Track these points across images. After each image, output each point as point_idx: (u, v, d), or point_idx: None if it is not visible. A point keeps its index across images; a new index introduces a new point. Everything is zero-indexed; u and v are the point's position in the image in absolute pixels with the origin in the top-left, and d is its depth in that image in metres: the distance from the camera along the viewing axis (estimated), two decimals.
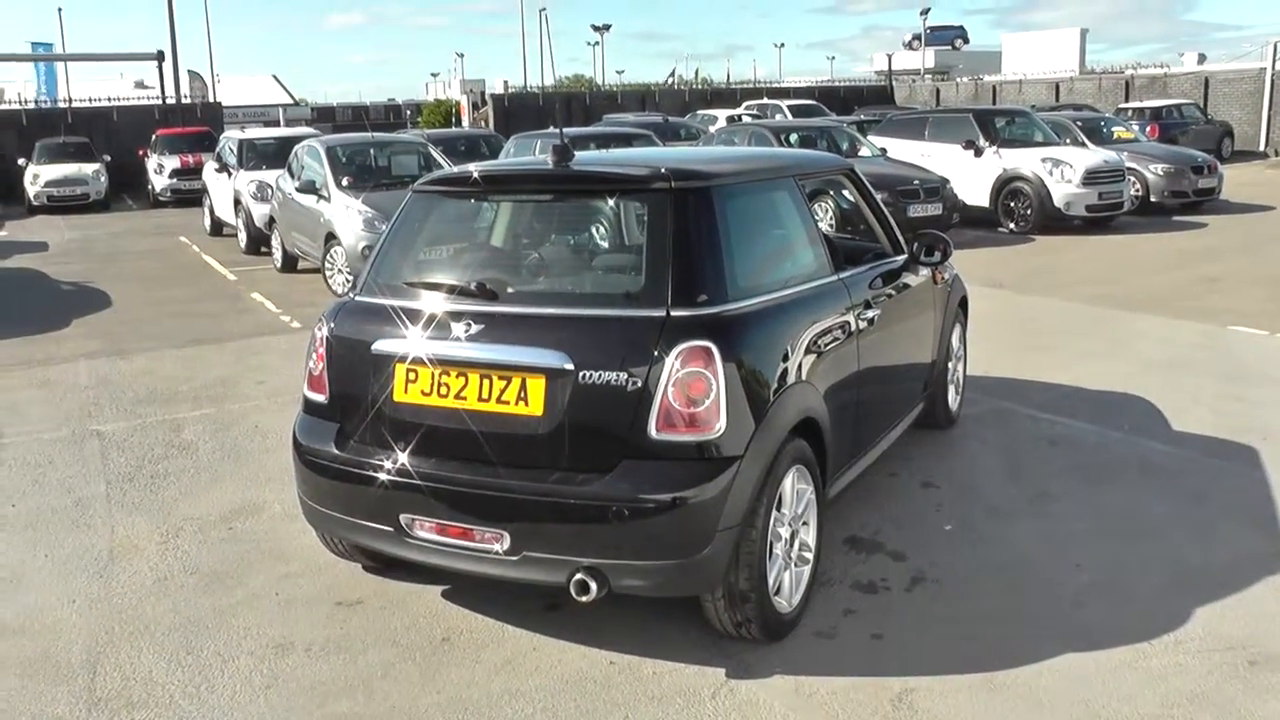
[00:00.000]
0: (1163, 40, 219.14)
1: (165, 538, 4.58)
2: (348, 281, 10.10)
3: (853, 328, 4.03)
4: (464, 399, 3.31)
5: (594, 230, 3.87)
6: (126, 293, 10.88)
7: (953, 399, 5.68)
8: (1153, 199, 14.77)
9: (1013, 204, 13.93)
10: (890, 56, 45.34)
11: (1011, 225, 13.90)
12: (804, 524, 3.60)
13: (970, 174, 14.48)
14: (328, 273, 10.34)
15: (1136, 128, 19.30)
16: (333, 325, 3.68)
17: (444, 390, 3.34)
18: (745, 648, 3.45)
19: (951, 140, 15.66)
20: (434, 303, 3.48)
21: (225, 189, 13.98)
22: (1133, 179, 14.46)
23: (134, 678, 3.44)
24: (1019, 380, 6.63)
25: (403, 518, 3.39)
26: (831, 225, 10.78)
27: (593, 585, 3.11)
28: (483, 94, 36.61)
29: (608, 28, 50.97)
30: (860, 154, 14.52)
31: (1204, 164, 15.32)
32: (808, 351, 3.61)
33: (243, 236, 13.38)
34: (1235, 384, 6.44)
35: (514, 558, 3.22)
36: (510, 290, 3.51)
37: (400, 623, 3.73)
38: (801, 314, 3.66)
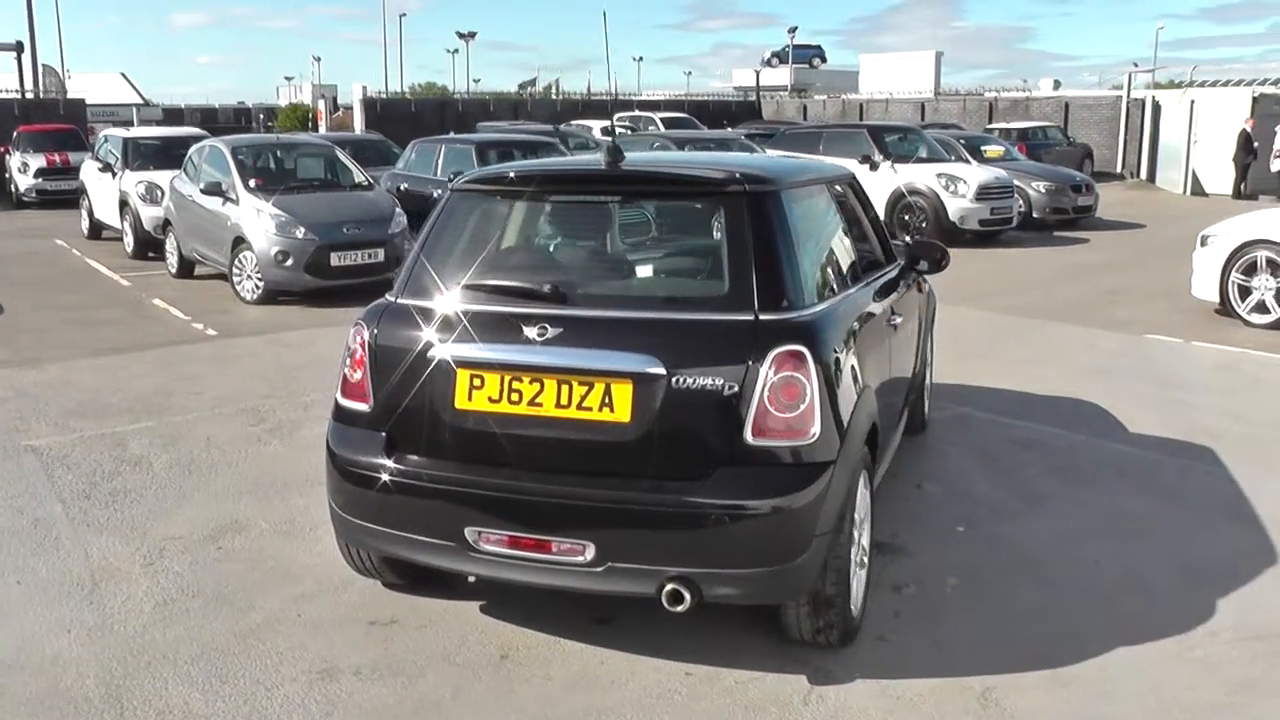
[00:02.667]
0: (1004, 67, 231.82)
1: (149, 559, 4.24)
2: (258, 288, 9.65)
3: (886, 332, 4.08)
4: (539, 405, 3.17)
5: (661, 232, 3.79)
6: (14, 299, 10.06)
7: (926, 404, 5.83)
8: (1035, 215, 15.56)
9: (908, 218, 14.44)
10: (758, 73, 46.35)
11: (907, 239, 14.35)
12: (865, 527, 3.61)
13: (866, 188, 14.90)
14: (235, 279, 9.84)
15: (1001, 149, 20.30)
16: (376, 330, 3.47)
17: (515, 397, 3.20)
18: (816, 654, 3.43)
19: (847, 155, 16.07)
20: (499, 305, 3.33)
21: (109, 190, 13.12)
22: (1017, 196, 15.21)
23: (170, 711, 3.16)
24: (966, 386, 6.84)
25: (468, 531, 3.22)
26: None
27: (686, 595, 3.04)
28: (334, 99, 35.61)
29: (473, 35, 50.40)
30: None
31: (1082, 183, 16.28)
32: (863, 355, 3.63)
33: (130, 240, 12.58)
34: (1169, 389, 6.82)
35: (599, 569, 3.11)
36: (586, 293, 3.39)
37: (448, 641, 3.56)
38: (857, 318, 3.67)
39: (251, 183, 10.02)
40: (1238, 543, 4.40)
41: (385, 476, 3.35)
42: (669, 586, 3.05)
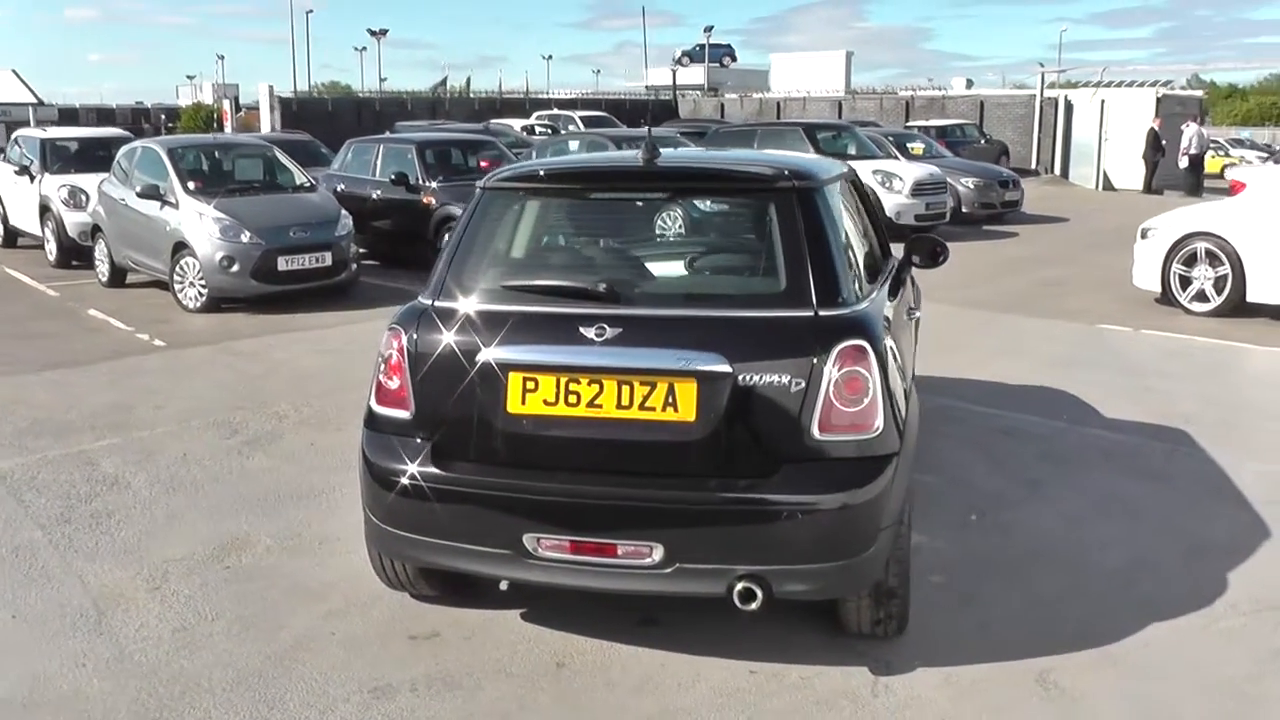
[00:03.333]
0: (906, 67, 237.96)
1: (153, 583, 4.05)
2: (201, 295, 9.31)
3: (907, 325, 4.12)
4: (599, 407, 3.11)
5: (705, 229, 3.75)
6: None
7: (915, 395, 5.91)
8: (964, 210, 15.94)
9: None
10: (675, 72, 46.53)
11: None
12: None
13: None
14: (177, 286, 9.46)
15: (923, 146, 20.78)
16: (415, 334, 3.36)
17: (573, 399, 3.13)
18: (871, 645, 3.45)
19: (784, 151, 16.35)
20: (550, 306, 3.26)
21: (27, 195, 12.48)
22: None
23: None
24: (943, 378, 6.95)
25: (526, 538, 3.14)
26: None
27: (759, 593, 3.02)
28: (236, 99, 34.65)
29: (384, 32, 49.45)
30: None
31: (1009, 179, 16.77)
32: (899, 348, 3.65)
33: (52, 248, 12.00)
34: (1132, 376, 7.05)
35: (667, 570, 3.06)
36: (642, 291, 3.34)
37: (498, 652, 3.47)
38: (892, 311, 3.70)
39: (191, 185, 9.65)
40: (1230, 521, 4.56)
41: (434, 485, 3.25)
42: (740, 585, 3.02)
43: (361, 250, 10.77)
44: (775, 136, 18.20)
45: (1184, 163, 22.72)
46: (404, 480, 3.30)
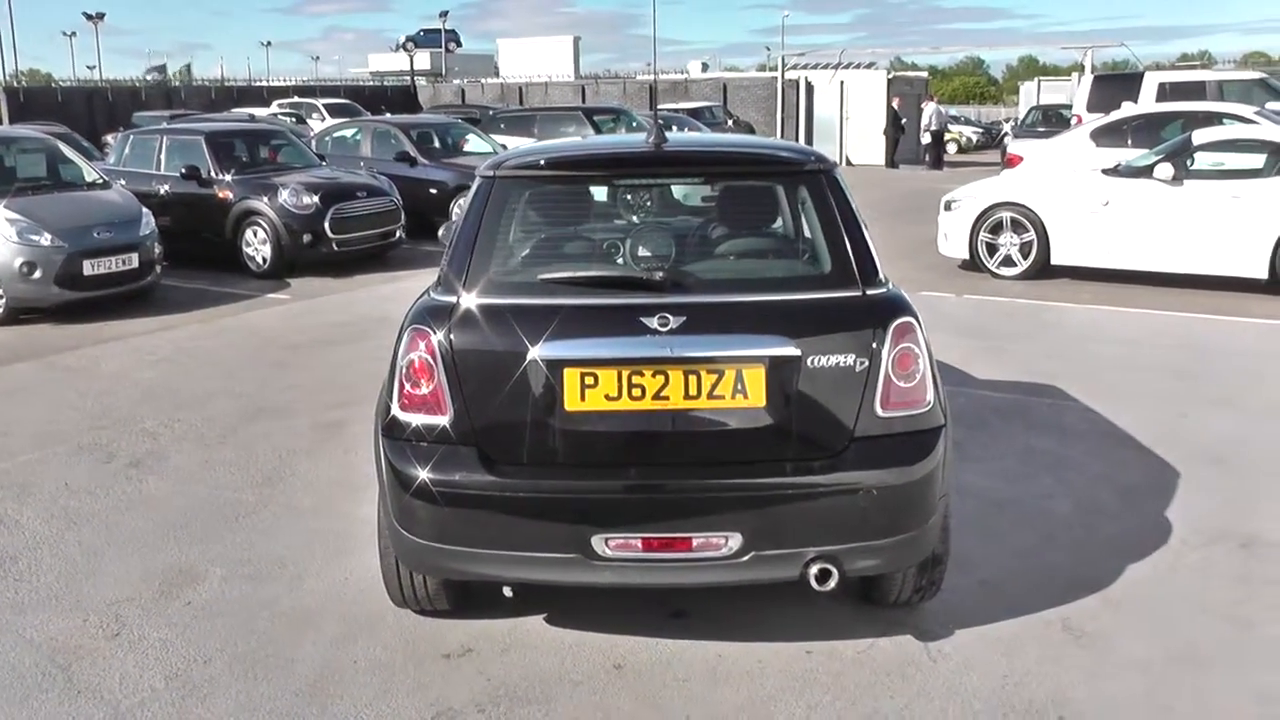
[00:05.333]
0: (616, 51, 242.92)
1: (110, 630, 3.58)
2: None
3: None
4: (665, 399, 3.03)
5: (736, 214, 3.68)
6: None
7: None
8: None
9: None
10: (412, 57, 45.31)
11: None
12: None
13: None
14: None
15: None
16: (446, 334, 3.14)
17: (637, 392, 3.04)
18: (906, 614, 3.57)
19: (565, 137, 16.37)
20: (602, 297, 3.13)
21: None
22: None
23: None
24: None
25: (594, 540, 3.03)
26: None
27: (834, 572, 3.06)
28: None
29: (101, 16, 45.05)
30: (481, 150, 14.46)
31: None
32: None
33: None
34: (982, 339, 7.62)
35: (744, 558, 3.04)
36: (697, 279, 3.26)
37: (548, 661, 3.33)
38: None
39: None
40: (1139, 464, 5.05)
41: (487, 494, 3.06)
42: (816, 567, 3.05)
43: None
44: (555, 122, 18.29)
45: (926, 139, 24.64)
46: (450, 491, 3.09)
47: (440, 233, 5.40)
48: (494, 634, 3.49)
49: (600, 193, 3.65)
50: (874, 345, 3.11)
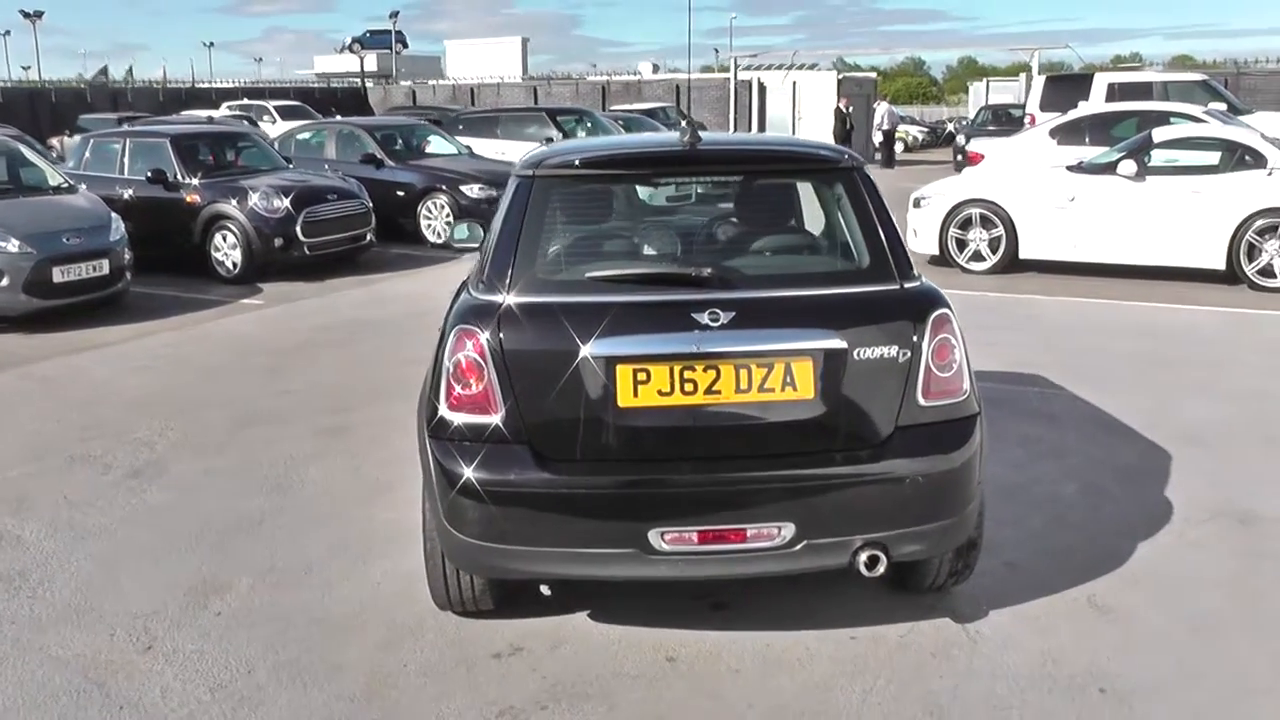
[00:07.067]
0: (558, 53, 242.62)
1: (142, 644, 3.53)
2: None
3: None
4: (717, 393, 3.08)
5: (772, 210, 3.73)
6: None
7: None
8: None
9: None
10: (362, 58, 44.94)
11: None
12: None
13: None
14: None
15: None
16: (496, 332, 3.15)
17: (689, 387, 3.08)
18: (939, 599, 3.66)
19: (530, 138, 16.39)
20: (652, 294, 3.17)
21: None
22: None
23: None
24: None
25: (650, 534, 3.07)
26: None
27: (882, 558, 3.13)
28: None
29: (40, 14, 43.84)
30: (445, 152, 14.40)
31: None
32: None
33: None
34: (968, 330, 7.73)
35: (796, 548, 3.10)
36: (743, 274, 3.30)
37: (600, 657, 3.35)
38: None
39: None
40: (1131, 448, 5.22)
41: (543, 491, 3.08)
42: (866, 554, 3.12)
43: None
44: (519, 123, 18.27)
45: (878, 138, 25.04)
46: (503, 489, 3.10)
47: (454, 234, 5.39)
48: (540, 632, 3.50)
49: (639, 191, 3.68)
50: (914, 337, 3.19)
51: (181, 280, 10.24)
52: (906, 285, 3.30)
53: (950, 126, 34.50)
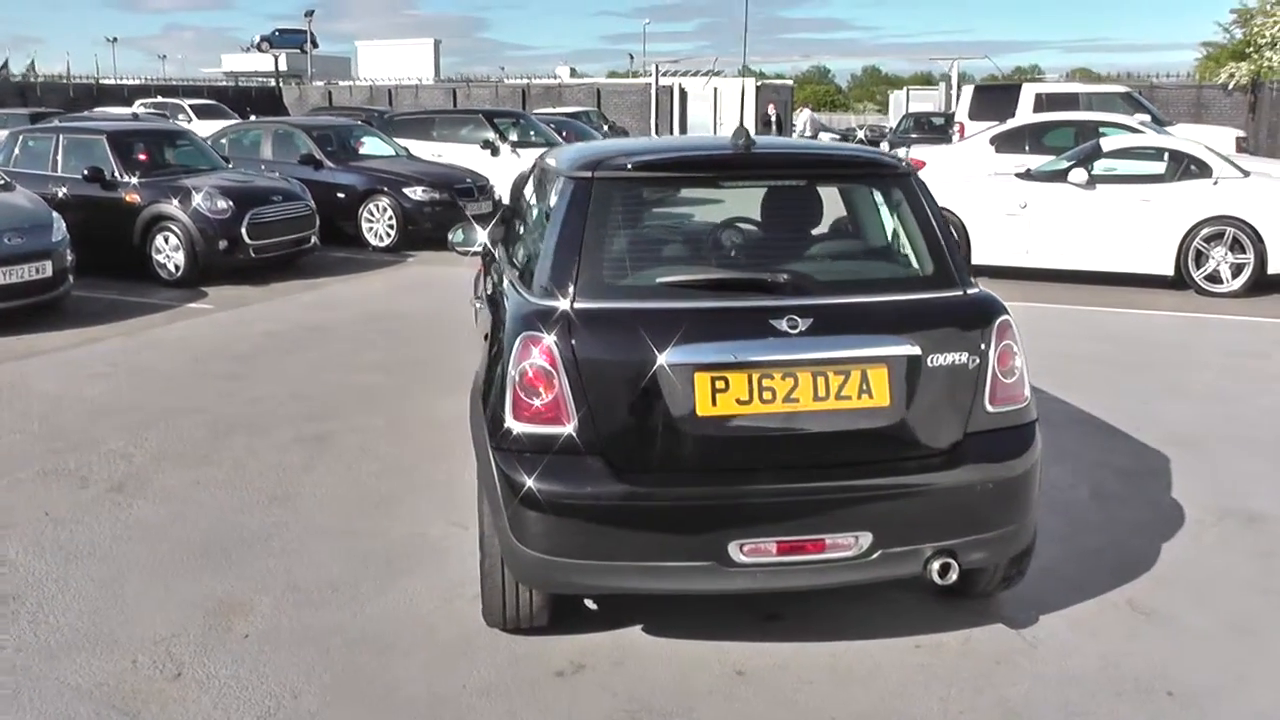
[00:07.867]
0: (463, 55, 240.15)
1: (169, 671, 3.32)
2: None
3: None
4: (795, 401, 3.03)
5: (834, 215, 3.67)
6: None
7: None
8: None
9: None
10: (276, 60, 43.75)
11: None
12: None
13: (490, 176, 14.92)
14: None
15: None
16: (566, 340, 3.04)
17: (768, 395, 3.02)
18: (986, 605, 3.67)
19: (466, 140, 16.21)
20: (727, 300, 3.10)
21: None
22: None
23: None
24: None
25: (731, 546, 3.00)
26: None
27: (954, 565, 3.12)
28: None
29: None
30: (383, 154, 14.08)
31: None
32: None
33: None
34: None
35: (872, 557, 3.06)
36: (813, 280, 3.24)
37: (668, 672, 3.27)
38: None
39: None
40: (1125, 450, 5.34)
41: (622, 504, 2.99)
42: (938, 562, 3.10)
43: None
44: (454, 125, 17.92)
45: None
46: (578, 502, 3.00)
47: (451, 237, 5.25)
48: (598, 648, 3.40)
49: (696, 194, 3.61)
50: (981, 344, 3.19)
51: (120, 283, 9.78)
52: (969, 292, 3.31)
53: (861, 134, 35.18)
